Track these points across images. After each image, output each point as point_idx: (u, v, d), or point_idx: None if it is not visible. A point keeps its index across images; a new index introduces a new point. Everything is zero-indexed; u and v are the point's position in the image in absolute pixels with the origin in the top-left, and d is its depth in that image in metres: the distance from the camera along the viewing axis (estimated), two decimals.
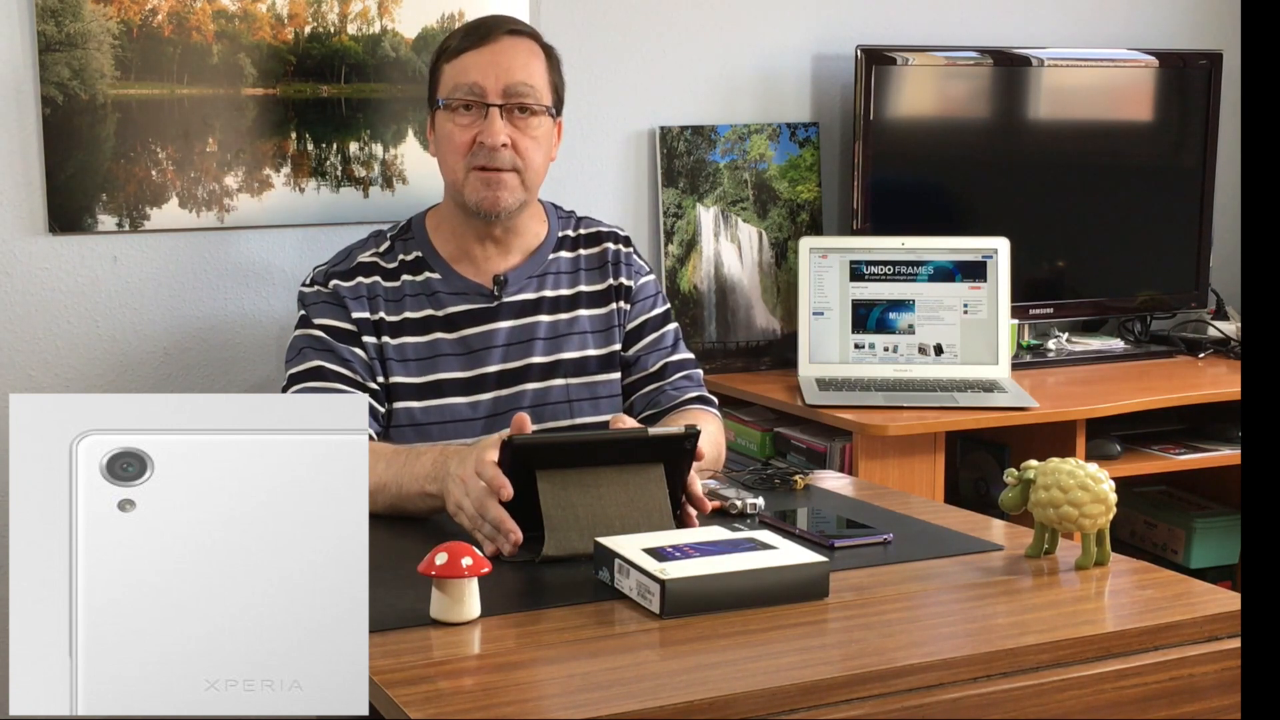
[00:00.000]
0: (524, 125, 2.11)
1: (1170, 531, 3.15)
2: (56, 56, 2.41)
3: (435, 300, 2.15)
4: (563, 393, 2.19)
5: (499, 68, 2.10)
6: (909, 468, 2.61)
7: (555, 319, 2.20)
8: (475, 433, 2.12)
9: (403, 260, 2.17)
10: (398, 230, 2.22)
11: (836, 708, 1.35)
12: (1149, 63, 3.27)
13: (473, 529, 1.71)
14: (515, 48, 2.13)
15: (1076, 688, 1.45)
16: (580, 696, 1.34)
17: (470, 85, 2.10)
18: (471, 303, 2.16)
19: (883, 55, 3.01)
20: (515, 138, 2.10)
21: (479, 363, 2.15)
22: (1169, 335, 3.32)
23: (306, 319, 2.14)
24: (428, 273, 2.17)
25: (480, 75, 2.10)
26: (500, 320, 2.17)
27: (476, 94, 2.10)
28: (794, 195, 3.04)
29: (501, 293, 2.17)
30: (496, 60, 2.11)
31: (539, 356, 2.17)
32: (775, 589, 1.53)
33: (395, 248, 2.19)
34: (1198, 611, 1.55)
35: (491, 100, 2.09)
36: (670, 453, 1.74)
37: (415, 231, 2.21)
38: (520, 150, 2.10)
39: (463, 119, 2.11)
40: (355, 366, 2.10)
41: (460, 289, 2.17)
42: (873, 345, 2.88)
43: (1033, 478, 1.69)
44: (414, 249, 2.19)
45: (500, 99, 2.10)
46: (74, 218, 2.47)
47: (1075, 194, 3.23)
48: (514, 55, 2.12)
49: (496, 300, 2.17)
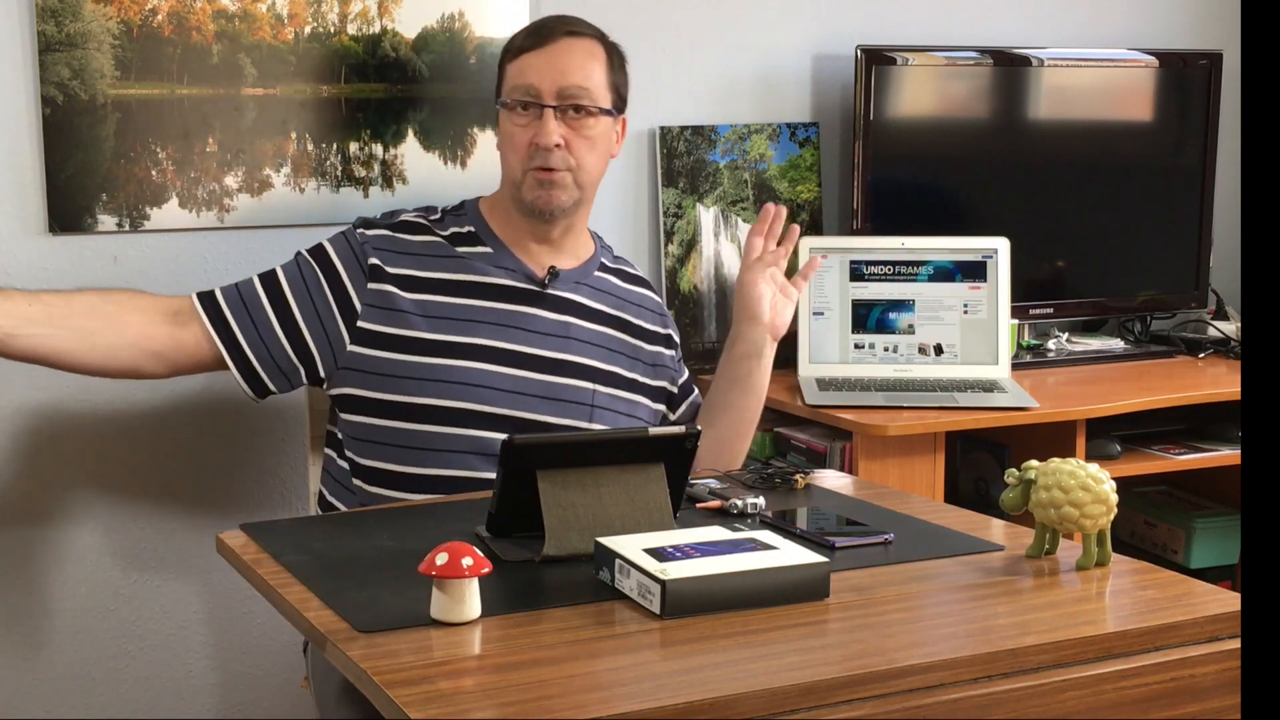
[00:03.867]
0: (578, 126, 2.15)
1: (1170, 531, 3.15)
2: (56, 56, 2.41)
3: (481, 269, 2.18)
4: (588, 395, 2.18)
5: (555, 70, 2.14)
6: (909, 468, 2.61)
7: (593, 327, 2.23)
8: (497, 403, 2.12)
9: (455, 231, 2.22)
10: (451, 207, 2.27)
11: (837, 708, 1.35)
12: (1149, 63, 3.27)
13: None
14: (573, 49, 2.17)
15: (1077, 688, 1.45)
16: (580, 697, 1.34)
17: (527, 87, 2.15)
18: (518, 281, 2.19)
19: (883, 55, 3.01)
20: (569, 138, 2.14)
21: (516, 339, 2.16)
22: (1169, 335, 3.32)
23: (322, 244, 2.20)
24: (480, 245, 2.20)
25: (536, 77, 2.14)
26: (543, 308, 2.19)
27: (532, 95, 2.14)
28: (794, 195, 3.04)
29: (551, 284, 2.20)
30: (554, 62, 2.15)
31: (574, 355, 2.19)
32: (776, 589, 1.53)
33: (447, 220, 2.24)
34: (1198, 612, 1.55)
35: (546, 102, 2.14)
36: (670, 453, 1.74)
37: (469, 211, 2.25)
38: (574, 150, 2.14)
39: (520, 119, 2.16)
40: (298, 302, 2.15)
41: (511, 265, 2.20)
42: (873, 345, 2.88)
43: (1033, 478, 1.69)
44: (467, 224, 2.23)
45: (555, 100, 2.14)
46: (74, 218, 2.47)
47: (1075, 194, 3.23)
48: (570, 57, 2.16)
49: (544, 288, 2.19)
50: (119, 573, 2.59)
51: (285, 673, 2.72)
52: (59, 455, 2.53)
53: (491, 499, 1.73)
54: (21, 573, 2.53)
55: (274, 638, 2.69)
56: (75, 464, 2.54)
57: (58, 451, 2.53)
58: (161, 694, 2.64)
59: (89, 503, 2.56)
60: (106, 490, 2.57)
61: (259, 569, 1.66)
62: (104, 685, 2.60)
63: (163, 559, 2.62)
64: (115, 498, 2.58)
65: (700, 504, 1.90)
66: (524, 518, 1.68)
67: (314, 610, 1.52)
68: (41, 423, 2.51)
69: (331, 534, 1.83)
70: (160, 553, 2.61)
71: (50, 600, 2.56)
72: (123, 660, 2.61)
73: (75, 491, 2.55)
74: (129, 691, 2.62)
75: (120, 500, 2.58)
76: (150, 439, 2.58)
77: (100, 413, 2.54)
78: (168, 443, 2.59)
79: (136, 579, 2.60)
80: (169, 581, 2.63)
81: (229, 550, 1.76)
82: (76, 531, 2.56)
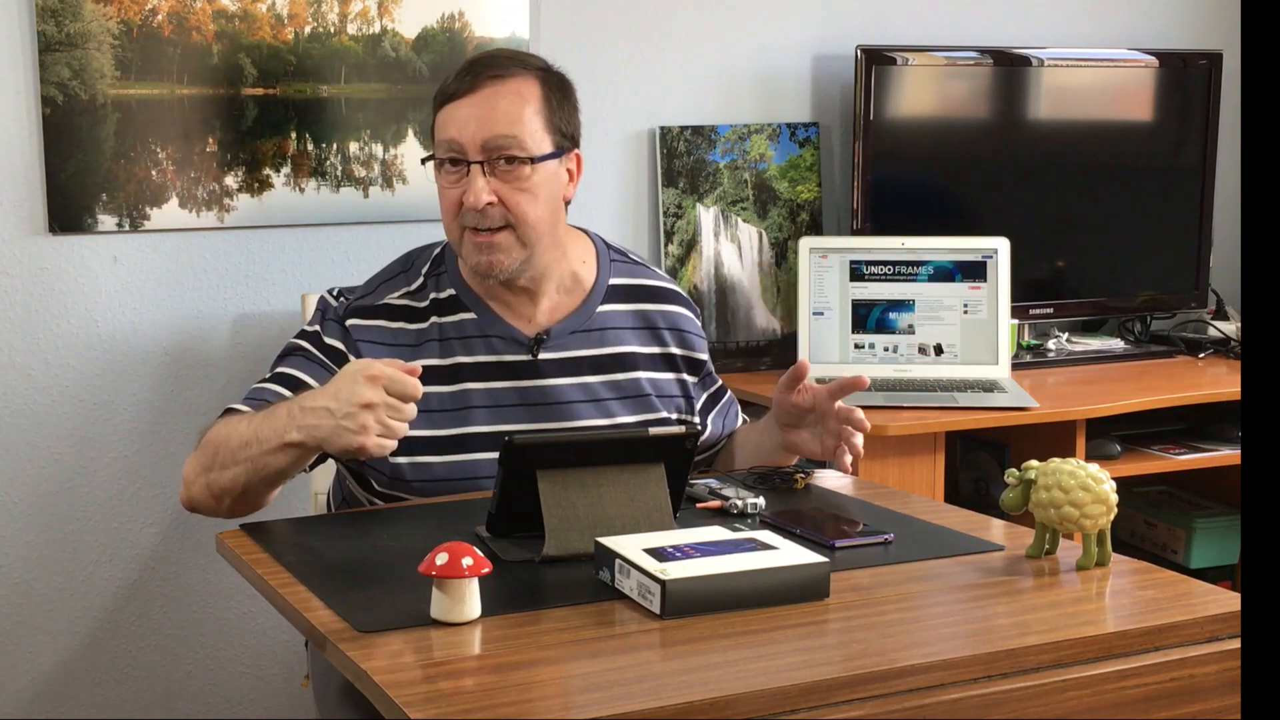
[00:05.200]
0: (511, 178, 1.94)
1: (1170, 531, 3.15)
2: (56, 56, 2.41)
3: (467, 346, 2.01)
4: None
5: (478, 120, 1.93)
6: (909, 468, 2.61)
7: (596, 380, 2.05)
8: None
9: (434, 299, 2.02)
10: (431, 263, 2.06)
11: (837, 708, 1.35)
12: (1149, 63, 3.27)
13: (380, 418, 1.71)
14: (498, 96, 1.95)
15: (1077, 688, 1.45)
16: (580, 697, 1.34)
17: (449, 141, 1.95)
18: (509, 353, 2.01)
19: (883, 55, 3.01)
20: (502, 193, 1.94)
21: (510, 418, 1.99)
22: (1169, 335, 3.32)
23: (317, 330, 2.02)
24: (462, 313, 2.02)
25: (458, 131, 1.94)
26: (536, 378, 2.02)
27: (456, 150, 1.94)
28: (794, 195, 3.04)
29: (540, 349, 2.02)
30: (476, 112, 1.94)
31: (573, 421, 2.02)
32: (776, 589, 1.53)
33: (428, 285, 2.04)
34: (1198, 612, 1.55)
35: (471, 157, 1.93)
36: (670, 453, 1.74)
37: (449, 264, 2.05)
38: (510, 205, 1.94)
39: (450, 176, 1.96)
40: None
41: (498, 333, 2.02)
42: (873, 345, 2.88)
43: (1034, 478, 1.69)
44: (447, 285, 2.04)
45: (480, 155, 1.93)
46: (74, 218, 2.47)
47: (1075, 194, 3.23)
48: (495, 104, 1.94)
49: (534, 355, 2.02)
50: (119, 572, 2.59)
51: (285, 672, 2.72)
52: (58, 456, 2.53)
53: (491, 499, 1.73)
54: (22, 573, 2.53)
55: (274, 638, 2.69)
56: (75, 464, 2.54)
57: (57, 452, 2.53)
58: (161, 694, 2.64)
59: (89, 503, 2.56)
60: (106, 490, 2.57)
61: (259, 569, 1.66)
62: (104, 685, 2.60)
63: (163, 559, 2.62)
64: (115, 498, 2.58)
65: (700, 504, 1.90)
66: (524, 518, 1.68)
67: (314, 610, 1.52)
68: (38, 422, 2.51)
69: (331, 534, 1.83)
70: (160, 552, 2.61)
71: (50, 600, 2.56)
72: (123, 660, 2.61)
73: (75, 492, 2.55)
74: (129, 691, 2.62)
75: (120, 500, 2.58)
76: (150, 438, 2.58)
77: (100, 413, 2.54)
78: (167, 442, 2.59)
79: (136, 579, 2.60)
80: (169, 581, 2.63)
81: (229, 550, 1.76)
82: (77, 531, 2.56)
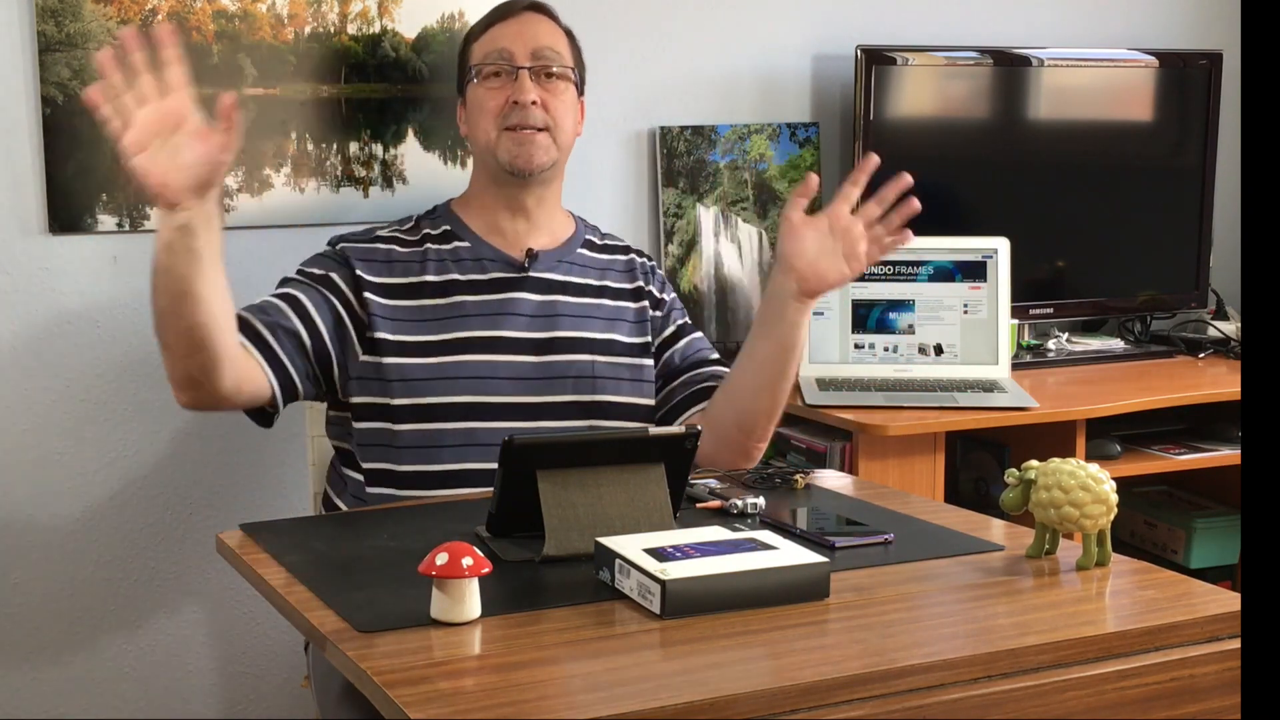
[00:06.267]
0: (552, 88, 2.18)
1: (1170, 531, 3.15)
2: (56, 56, 2.41)
3: (460, 265, 2.19)
4: (588, 368, 2.18)
5: (525, 35, 2.19)
6: (909, 468, 2.61)
7: (580, 301, 2.23)
8: (496, 391, 2.12)
9: (427, 233, 2.22)
10: (424, 213, 2.28)
11: (837, 708, 1.35)
12: (1149, 63, 3.27)
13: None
14: (539, 20, 2.23)
15: (1077, 688, 1.45)
16: (580, 697, 1.34)
17: (499, 51, 2.18)
18: (499, 270, 2.20)
19: (883, 55, 3.01)
20: (545, 98, 2.17)
21: (502, 325, 2.16)
22: (1169, 335, 3.32)
23: (306, 265, 2.18)
24: (456, 242, 2.21)
25: (509, 42, 2.19)
26: (526, 291, 2.19)
27: (506, 58, 2.18)
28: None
29: (531, 266, 2.20)
30: (522, 30, 2.20)
31: (565, 331, 2.19)
32: (776, 589, 1.53)
33: (420, 224, 2.25)
34: (1198, 612, 1.55)
35: (520, 63, 2.17)
36: (671, 453, 1.74)
37: (442, 212, 2.27)
38: (550, 109, 2.17)
39: (493, 84, 2.18)
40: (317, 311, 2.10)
41: (489, 256, 2.21)
42: (873, 345, 2.88)
43: (1034, 478, 1.69)
44: (441, 224, 2.24)
45: (529, 61, 2.18)
46: (74, 218, 2.47)
47: (1075, 194, 3.23)
48: (539, 25, 2.22)
49: (524, 272, 2.20)
50: (119, 572, 2.59)
51: (285, 673, 2.72)
52: (58, 455, 2.53)
53: (491, 499, 1.73)
54: (22, 573, 2.53)
55: (274, 638, 2.69)
56: (74, 464, 2.54)
57: (56, 452, 2.53)
58: (161, 694, 2.64)
59: (89, 503, 2.56)
60: (106, 490, 2.57)
61: (259, 569, 1.66)
62: (104, 685, 2.60)
63: (163, 559, 2.62)
64: (115, 498, 2.58)
65: (700, 504, 1.90)
66: (524, 518, 1.68)
67: (314, 610, 1.52)
68: (38, 422, 2.51)
69: (331, 534, 1.83)
70: (160, 552, 2.61)
71: (50, 600, 2.56)
72: (123, 660, 2.61)
73: (75, 492, 2.55)
74: (129, 691, 2.62)
75: (120, 500, 2.58)
76: (150, 438, 2.58)
77: (100, 413, 2.54)
78: (167, 442, 2.59)
79: (136, 579, 2.60)
80: (169, 582, 2.63)
81: (229, 550, 1.76)
82: (77, 531, 2.56)
